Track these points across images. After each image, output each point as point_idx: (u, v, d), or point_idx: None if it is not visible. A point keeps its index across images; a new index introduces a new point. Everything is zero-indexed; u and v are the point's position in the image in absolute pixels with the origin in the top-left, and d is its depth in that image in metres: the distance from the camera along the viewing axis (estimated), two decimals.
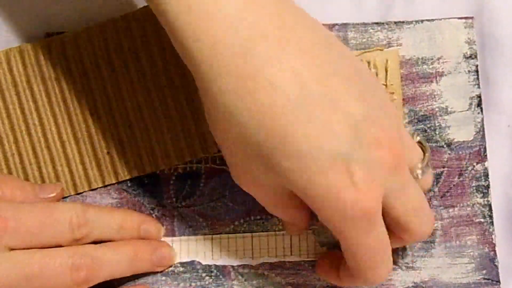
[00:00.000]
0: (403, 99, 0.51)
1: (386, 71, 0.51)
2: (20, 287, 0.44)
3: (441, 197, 0.50)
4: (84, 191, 0.50)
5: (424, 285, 0.49)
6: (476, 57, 0.51)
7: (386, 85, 0.51)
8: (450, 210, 0.50)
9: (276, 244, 0.50)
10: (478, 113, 0.51)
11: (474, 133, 0.51)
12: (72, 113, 0.50)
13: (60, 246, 0.46)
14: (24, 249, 0.45)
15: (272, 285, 0.49)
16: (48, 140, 0.50)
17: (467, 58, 0.51)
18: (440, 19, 0.52)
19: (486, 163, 0.50)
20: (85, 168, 0.50)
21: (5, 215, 0.44)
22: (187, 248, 0.50)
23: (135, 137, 0.50)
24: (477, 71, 0.51)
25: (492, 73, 0.52)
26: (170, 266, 0.49)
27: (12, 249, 0.44)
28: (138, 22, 0.50)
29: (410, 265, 0.49)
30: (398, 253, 0.49)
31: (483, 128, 0.51)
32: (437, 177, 0.50)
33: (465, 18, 0.52)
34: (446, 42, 0.51)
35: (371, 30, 0.52)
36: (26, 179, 0.50)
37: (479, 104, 0.51)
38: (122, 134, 0.50)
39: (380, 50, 0.51)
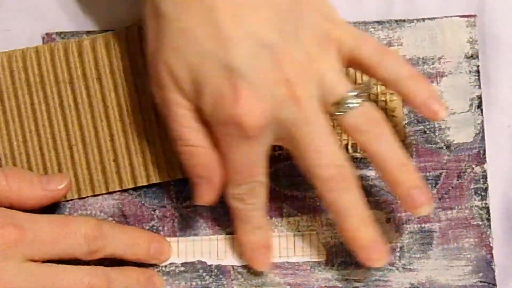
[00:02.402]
0: (403, 100, 0.51)
1: None
2: None
3: (440, 199, 0.50)
4: (87, 196, 0.51)
5: (421, 287, 0.49)
6: (477, 57, 0.51)
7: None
8: (448, 212, 0.50)
9: (280, 245, 0.50)
10: (478, 114, 0.50)
11: (474, 134, 0.50)
12: (82, 118, 0.50)
13: (76, 259, 0.47)
14: (40, 261, 0.46)
15: (272, 285, 0.50)
16: (56, 142, 0.50)
17: (468, 58, 0.51)
18: (442, 18, 0.51)
19: (485, 166, 0.50)
20: (90, 174, 0.50)
21: (22, 225, 0.45)
22: (186, 249, 0.51)
23: (143, 146, 0.50)
24: (478, 72, 0.50)
25: (493, 73, 0.51)
26: (171, 266, 0.50)
27: (28, 260, 0.45)
28: None
29: (407, 266, 0.50)
30: (395, 254, 0.50)
31: (483, 130, 0.50)
32: (436, 179, 0.50)
33: (467, 16, 0.51)
34: (447, 41, 0.51)
35: (371, 29, 0.51)
36: None
37: (479, 105, 0.50)
38: (130, 142, 0.50)
39: None
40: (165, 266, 0.50)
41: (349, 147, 0.50)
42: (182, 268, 0.50)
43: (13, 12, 0.52)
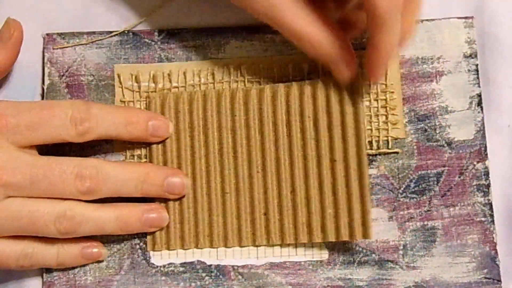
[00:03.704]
0: (403, 99, 0.51)
1: (386, 71, 0.51)
2: (25, 188, 0.45)
3: (442, 196, 0.50)
4: (234, 246, 0.50)
5: (425, 285, 0.49)
6: (476, 56, 0.51)
7: (386, 85, 0.51)
8: (451, 209, 0.50)
9: (281, 244, 0.50)
10: (479, 112, 0.51)
11: (475, 132, 0.50)
12: (239, 166, 0.50)
13: (66, 142, 0.46)
14: (28, 146, 0.46)
15: (272, 285, 0.49)
16: (210, 188, 0.50)
17: (467, 57, 0.51)
18: (440, 19, 0.52)
19: (486, 162, 0.50)
20: (239, 224, 0.49)
21: (4, 112, 0.45)
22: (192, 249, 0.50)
23: (296, 204, 0.49)
24: (477, 71, 0.51)
25: (492, 72, 0.52)
26: (170, 266, 0.49)
27: (17, 147, 0.45)
28: (322, 91, 0.49)
29: (411, 264, 0.49)
30: (399, 252, 0.49)
31: (484, 127, 0.50)
32: (438, 176, 0.50)
33: (465, 18, 0.52)
34: (446, 41, 0.51)
35: None
36: (182, 219, 0.49)
37: (479, 103, 0.51)
38: (283, 198, 0.49)
39: None
40: (164, 266, 0.49)
41: (372, 142, 0.50)
42: (182, 269, 0.49)
43: (14, 13, 0.52)
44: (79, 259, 0.48)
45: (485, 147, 0.50)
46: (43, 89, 0.51)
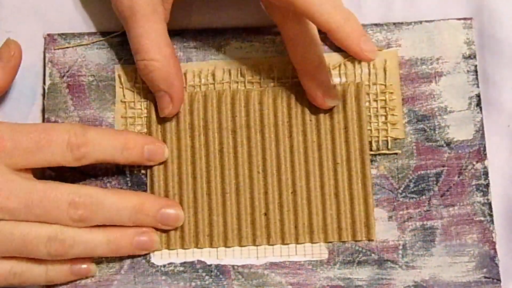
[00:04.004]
0: (403, 99, 0.51)
1: (385, 72, 0.51)
2: (19, 212, 0.45)
3: (441, 196, 0.50)
4: (234, 246, 0.50)
5: (424, 284, 0.49)
6: (475, 57, 0.51)
7: (385, 85, 0.51)
8: (450, 209, 0.50)
9: (281, 244, 0.50)
10: (478, 112, 0.51)
11: (474, 132, 0.51)
12: (239, 167, 0.50)
13: (62, 166, 0.46)
14: (24, 170, 0.46)
15: (272, 285, 0.49)
16: (210, 188, 0.50)
17: (466, 58, 0.51)
18: (439, 20, 0.52)
19: (485, 162, 0.50)
20: (239, 224, 0.50)
21: (1, 135, 0.45)
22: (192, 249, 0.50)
23: (296, 205, 0.49)
24: (476, 71, 0.51)
25: (492, 73, 0.52)
26: (170, 266, 0.49)
27: (13, 170, 0.45)
28: None
29: (411, 264, 0.49)
30: (398, 252, 0.49)
31: (483, 127, 0.51)
32: (437, 176, 0.50)
33: (464, 19, 0.52)
34: (445, 42, 0.52)
35: (370, 31, 0.52)
36: (183, 223, 0.49)
37: (478, 104, 0.51)
38: (284, 199, 0.50)
39: (379, 50, 0.51)
40: (164, 266, 0.49)
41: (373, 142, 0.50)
42: (181, 268, 0.50)
43: (14, 13, 0.53)
44: (69, 276, 0.48)
45: (484, 147, 0.50)
46: (44, 89, 0.52)
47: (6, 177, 0.45)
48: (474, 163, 0.50)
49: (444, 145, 0.51)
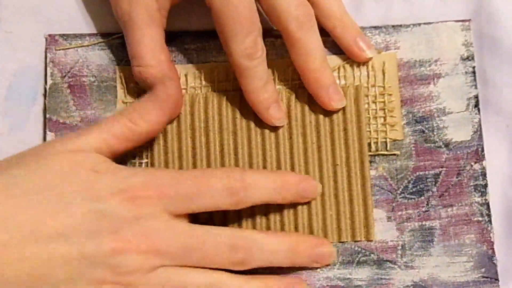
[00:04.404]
0: (401, 101, 0.51)
1: (384, 74, 0.52)
2: (179, 257, 0.45)
3: (440, 196, 0.50)
4: None
5: (423, 284, 0.49)
6: (473, 58, 0.52)
7: (384, 87, 0.51)
8: (449, 209, 0.50)
9: None
10: (476, 113, 0.51)
11: (472, 133, 0.51)
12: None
13: (220, 210, 0.47)
14: (184, 216, 0.46)
15: None
16: None
17: (464, 59, 0.52)
18: (437, 22, 0.52)
19: (483, 163, 0.51)
20: (240, 225, 0.50)
21: (162, 182, 0.45)
22: None
23: (296, 205, 0.50)
24: (474, 73, 0.52)
25: (490, 74, 0.52)
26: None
27: (173, 216, 0.45)
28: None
29: (409, 264, 0.49)
30: (397, 252, 0.49)
31: (481, 128, 0.51)
32: (436, 177, 0.50)
33: (462, 21, 0.52)
34: (443, 44, 0.52)
35: (369, 34, 0.52)
36: None
37: (476, 105, 0.51)
38: None
39: (378, 53, 0.52)
40: None
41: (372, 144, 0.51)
42: None
43: (15, 14, 0.53)
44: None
45: (482, 147, 0.51)
46: (45, 89, 0.52)
47: (167, 223, 0.45)
48: (472, 163, 0.51)
49: (443, 146, 0.51)
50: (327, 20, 0.51)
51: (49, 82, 0.52)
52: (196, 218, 0.48)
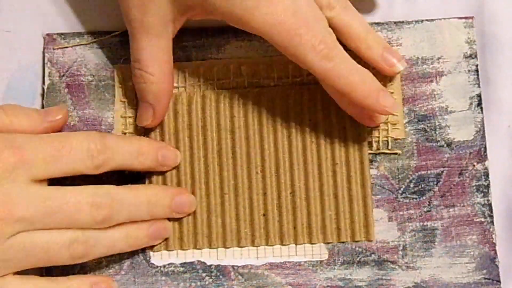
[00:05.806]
0: (403, 99, 0.51)
1: None
2: (39, 221, 0.45)
3: (441, 196, 0.50)
4: (232, 247, 0.50)
5: (424, 285, 0.49)
6: (476, 56, 0.51)
7: (385, 85, 0.51)
8: (451, 209, 0.50)
9: (281, 244, 0.50)
10: (478, 112, 0.51)
11: (474, 132, 0.50)
12: (238, 167, 0.50)
13: (82, 174, 0.46)
14: (45, 180, 0.45)
15: (272, 285, 0.49)
16: (209, 189, 0.50)
17: (467, 57, 0.51)
18: (440, 19, 0.52)
19: (486, 163, 0.50)
20: (238, 225, 0.50)
21: (21, 146, 0.45)
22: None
23: (295, 206, 0.49)
24: (477, 71, 0.51)
25: (492, 72, 0.52)
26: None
27: (33, 181, 0.45)
28: (322, 95, 0.50)
29: (411, 265, 0.49)
30: (398, 253, 0.49)
31: (483, 128, 0.50)
32: (438, 176, 0.50)
33: (465, 18, 0.52)
34: (446, 42, 0.51)
35: None
36: (181, 220, 0.50)
37: (479, 104, 0.51)
38: (283, 199, 0.50)
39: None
40: (164, 266, 0.49)
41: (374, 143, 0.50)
42: (181, 269, 0.50)
43: (14, 13, 0.52)
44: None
45: (485, 147, 0.50)
46: (43, 89, 0.51)
47: (23, 188, 0.44)
48: (475, 163, 0.50)
49: (445, 145, 0.50)
50: (350, 42, 0.49)
51: (47, 82, 0.51)
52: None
